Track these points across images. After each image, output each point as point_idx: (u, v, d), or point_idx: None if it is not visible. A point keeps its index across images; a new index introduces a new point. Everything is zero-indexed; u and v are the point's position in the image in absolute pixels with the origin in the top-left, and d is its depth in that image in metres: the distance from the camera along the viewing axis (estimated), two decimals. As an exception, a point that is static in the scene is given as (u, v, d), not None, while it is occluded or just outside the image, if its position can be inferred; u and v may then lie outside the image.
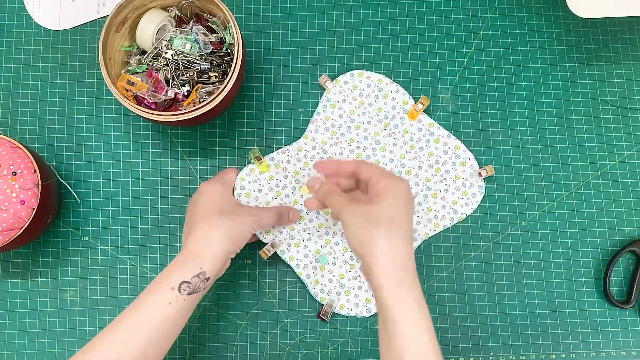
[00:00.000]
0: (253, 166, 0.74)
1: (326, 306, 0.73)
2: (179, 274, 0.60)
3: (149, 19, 0.71)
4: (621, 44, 0.80)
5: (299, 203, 0.74)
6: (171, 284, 0.60)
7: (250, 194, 0.74)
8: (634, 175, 0.77)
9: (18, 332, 0.73)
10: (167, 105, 0.73)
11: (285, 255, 0.73)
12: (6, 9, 0.80)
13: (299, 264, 0.73)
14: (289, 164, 0.75)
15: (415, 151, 0.75)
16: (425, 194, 0.75)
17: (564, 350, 0.73)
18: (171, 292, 0.60)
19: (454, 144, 0.75)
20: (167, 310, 0.59)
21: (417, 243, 0.74)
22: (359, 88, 0.76)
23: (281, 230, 0.73)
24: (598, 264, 0.75)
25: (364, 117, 0.76)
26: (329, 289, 0.73)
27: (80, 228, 0.76)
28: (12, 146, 0.69)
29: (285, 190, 0.74)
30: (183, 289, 0.60)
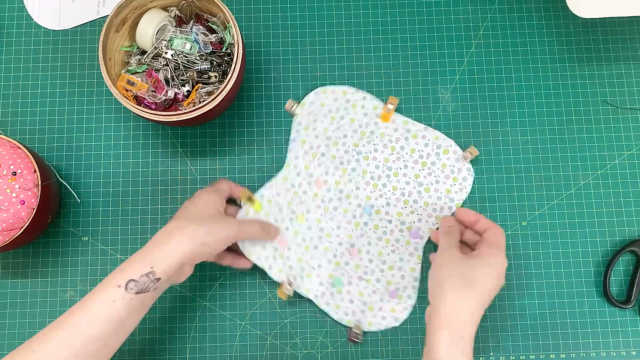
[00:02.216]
0: (247, 208, 0.73)
1: (355, 328, 0.72)
2: (129, 271, 0.59)
3: (149, 19, 0.71)
4: (621, 44, 0.80)
5: (299, 233, 0.73)
6: (118, 282, 0.58)
7: None
8: (634, 175, 0.77)
9: (18, 332, 0.73)
10: (167, 105, 0.73)
11: (301, 290, 0.72)
12: (6, 9, 0.80)
13: (317, 294, 0.72)
14: (279, 197, 0.74)
15: (397, 151, 0.75)
16: (418, 191, 0.74)
17: (564, 350, 0.73)
18: (117, 290, 0.58)
19: (433, 134, 0.75)
20: (112, 308, 0.58)
21: (423, 241, 0.74)
22: (327, 104, 0.75)
23: (292, 265, 0.72)
24: (598, 264, 0.75)
25: (339, 132, 0.74)
26: (352, 309, 0.73)
27: (80, 228, 0.76)
28: (12, 146, 0.69)
29: (284, 223, 0.73)
30: (130, 287, 0.58)
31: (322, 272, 0.73)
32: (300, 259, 0.73)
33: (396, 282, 0.73)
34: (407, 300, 0.73)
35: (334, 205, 0.74)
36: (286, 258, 0.73)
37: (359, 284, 0.73)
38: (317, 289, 0.73)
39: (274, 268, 0.72)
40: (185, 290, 0.74)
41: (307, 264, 0.73)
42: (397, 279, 0.73)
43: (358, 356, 0.73)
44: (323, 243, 0.74)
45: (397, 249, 0.74)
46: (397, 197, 0.74)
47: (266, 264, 0.72)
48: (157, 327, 0.74)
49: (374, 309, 0.73)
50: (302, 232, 0.74)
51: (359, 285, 0.73)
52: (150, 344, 0.73)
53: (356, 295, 0.73)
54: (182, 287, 0.74)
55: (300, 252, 0.73)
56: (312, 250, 0.73)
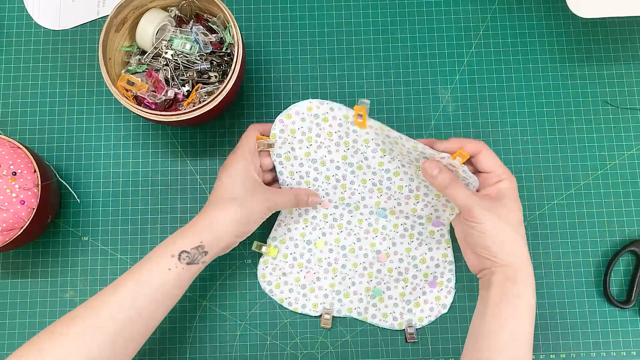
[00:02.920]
0: (264, 257, 0.74)
1: (408, 329, 0.72)
2: (180, 243, 0.62)
3: (149, 19, 0.71)
4: (621, 44, 0.80)
5: (322, 259, 0.73)
6: (172, 252, 0.62)
7: (280, 285, 0.74)
8: (634, 175, 0.77)
9: (18, 332, 0.73)
10: (167, 105, 0.73)
11: (342, 313, 0.73)
12: (6, 9, 0.80)
13: (360, 311, 0.73)
14: (291, 232, 0.74)
15: (388, 153, 0.70)
16: (426, 185, 0.71)
17: (564, 350, 0.73)
18: (171, 259, 0.62)
19: (411, 144, 0.65)
20: (166, 275, 0.61)
21: (446, 227, 0.73)
22: (297, 128, 0.70)
23: (326, 294, 0.73)
24: (598, 264, 0.75)
25: (322, 150, 0.71)
26: (399, 312, 0.73)
27: (80, 228, 0.76)
28: (12, 146, 0.69)
29: (304, 257, 0.74)
30: (182, 258, 0.62)
31: (358, 288, 0.73)
32: (332, 284, 0.73)
33: (432, 272, 0.73)
34: (447, 284, 0.73)
35: (347, 220, 0.74)
36: (318, 289, 0.73)
37: (397, 285, 0.73)
38: (358, 306, 0.73)
39: (307, 306, 0.73)
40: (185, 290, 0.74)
41: (341, 286, 0.73)
42: (432, 269, 0.73)
43: (358, 356, 0.73)
44: (350, 260, 0.73)
45: (422, 240, 0.74)
46: (406, 194, 0.72)
47: (299, 305, 0.73)
48: (158, 327, 0.73)
49: (420, 304, 0.73)
50: (325, 257, 0.74)
51: (397, 287, 0.73)
52: (150, 344, 0.73)
53: (398, 297, 0.73)
54: (182, 287, 0.75)
55: (330, 278, 0.73)
56: (341, 270, 0.73)
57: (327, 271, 0.73)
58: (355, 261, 0.73)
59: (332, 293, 0.73)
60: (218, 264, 0.75)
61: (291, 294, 0.73)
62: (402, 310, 0.73)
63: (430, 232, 0.73)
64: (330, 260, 0.73)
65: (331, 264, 0.73)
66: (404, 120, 0.78)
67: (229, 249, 0.66)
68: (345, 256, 0.73)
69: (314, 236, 0.74)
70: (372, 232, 0.74)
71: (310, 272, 0.73)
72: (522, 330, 0.60)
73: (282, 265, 0.73)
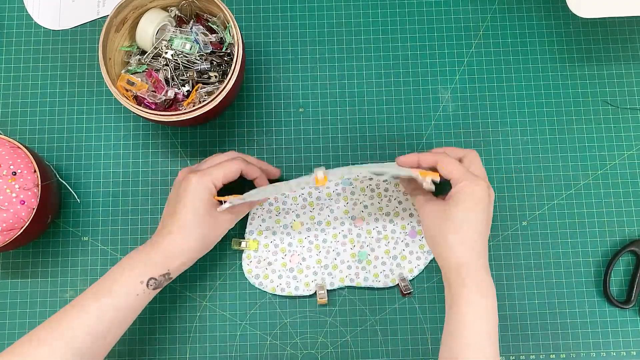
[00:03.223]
0: (246, 252, 0.74)
1: (401, 282, 0.73)
2: (150, 270, 0.63)
3: (149, 19, 0.71)
4: (621, 44, 0.80)
5: (303, 240, 0.74)
6: (141, 277, 0.63)
7: (268, 275, 0.74)
8: (634, 175, 0.77)
9: (18, 332, 0.73)
10: (167, 105, 0.73)
11: (335, 285, 0.74)
12: (6, 9, 0.80)
13: (352, 278, 0.73)
14: (265, 222, 0.75)
15: (349, 198, 0.75)
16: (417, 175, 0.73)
17: (564, 350, 0.73)
18: (140, 285, 0.63)
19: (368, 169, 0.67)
20: (133, 301, 0.62)
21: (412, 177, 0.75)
22: (264, 206, 0.74)
23: (315, 271, 0.73)
24: (598, 264, 0.75)
25: (290, 216, 0.75)
26: (389, 269, 0.74)
27: (80, 228, 0.76)
28: (12, 146, 0.69)
29: (284, 242, 0.74)
30: (150, 284, 0.63)
31: (344, 257, 0.74)
32: (318, 260, 0.74)
33: (408, 222, 0.75)
34: None
35: (316, 197, 0.75)
36: (306, 268, 0.74)
37: (380, 244, 0.74)
38: (349, 274, 0.74)
39: (300, 287, 0.73)
40: (185, 290, 0.74)
41: (327, 260, 0.74)
42: (407, 219, 0.75)
43: (358, 356, 0.73)
44: (328, 233, 0.74)
45: (391, 196, 0.75)
46: (374, 235, 0.75)
47: (291, 289, 0.73)
48: (157, 327, 0.74)
49: (406, 257, 0.74)
50: (304, 237, 0.74)
51: (380, 246, 0.74)
52: (151, 344, 0.73)
53: (384, 255, 0.74)
54: (182, 287, 0.74)
55: (315, 255, 0.74)
56: (323, 244, 0.74)
57: (310, 249, 0.74)
58: (334, 232, 0.74)
59: (320, 269, 0.74)
60: (218, 264, 0.75)
61: (281, 280, 0.74)
62: (391, 266, 0.74)
63: (396, 185, 0.75)
64: (311, 238, 0.74)
65: (312, 242, 0.74)
66: (404, 120, 0.78)
67: None
68: (323, 230, 0.74)
69: (289, 219, 0.75)
70: (342, 201, 0.75)
71: (294, 255, 0.74)
72: (479, 331, 0.60)
73: (266, 255, 0.74)
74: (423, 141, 0.77)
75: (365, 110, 0.78)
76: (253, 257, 0.74)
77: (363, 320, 0.74)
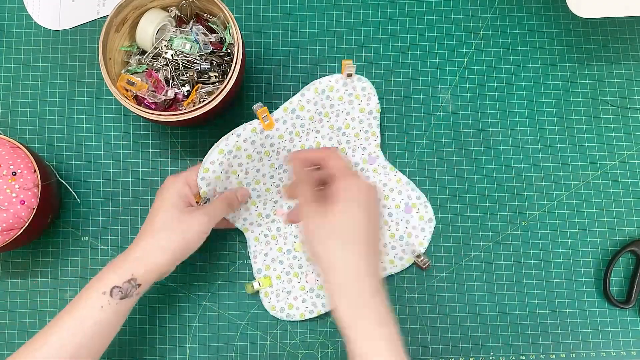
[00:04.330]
0: (262, 291, 0.73)
1: (417, 258, 0.73)
2: (111, 278, 0.61)
3: (149, 19, 0.71)
4: (621, 44, 0.80)
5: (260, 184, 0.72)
6: (103, 288, 0.60)
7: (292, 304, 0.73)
8: (634, 175, 0.77)
9: (18, 332, 0.73)
10: (167, 105, 0.73)
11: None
12: (6, 9, 0.80)
13: None
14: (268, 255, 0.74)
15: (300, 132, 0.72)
16: (343, 133, 0.73)
17: (564, 350, 0.73)
18: (103, 297, 0.60)
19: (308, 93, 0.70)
20: (99, 314, 0.60)
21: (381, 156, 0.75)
22: (220, 172, 0.68)
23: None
24: (598, 264, 0.75)
25: (251, 173, 0.71)
26: (402, 250, 0.73)
27: (80, 228, 0.76)
28: (12, 146, 0.69)
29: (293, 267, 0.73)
30: (115, 294, 0.60)
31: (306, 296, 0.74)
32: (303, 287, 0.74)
33: (400, 200, 0.75)
34: (419, 201, 0.75)
35: None
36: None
37: (384, 232, 0.74)
38: None
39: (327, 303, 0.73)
40: (185, 290, 0.74)
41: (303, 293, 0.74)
42: (398, 198, 0.75)
43: (358, 356, 0.73)
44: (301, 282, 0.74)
45: (374, 181, 0.75)
46: None
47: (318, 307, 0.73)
48: (157, 327, 0.74)
49: (411, 234, 0.74)
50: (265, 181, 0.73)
51: (384, 233, 0.74)
52: (151, 344, 0.73)
53: (391, 240, 0.74)
54: (182, 287, 0.74)
55: None
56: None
57: None
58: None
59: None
60: (218, 264, 0.75)
61: (306, 303, 0.73)
62: (401, 247, 0.74)
63: (374, 170, 0.75)
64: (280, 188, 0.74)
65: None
66: (404, 120, 0.78)
67: (166, 275, 0.65)
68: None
69: (289, 244, 0.74)
70: None
71: (309, 274, 0.73)
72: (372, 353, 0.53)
73: (282, 287, 0.73)
74: (423, 141, 0.77)
75: (365, 110, 0.78)
76: (271, 293, 0.73)
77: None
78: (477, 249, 0.75)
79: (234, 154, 0.68)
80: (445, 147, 0.77)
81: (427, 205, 0.75)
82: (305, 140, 0.73)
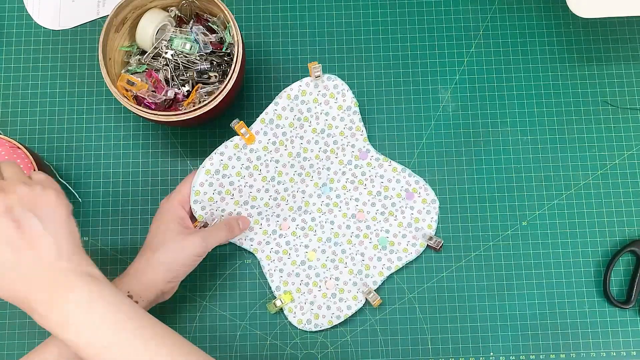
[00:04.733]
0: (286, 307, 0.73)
1: (429, 240, 0.73)
2: None
3: (149, 19, 0.71)
4: (621, 44, 0.80)
5: (326, 263, 0.74)
6: None
7: (317, 314, 0.73)
8: (634, 175, 0.77)
9: (18, 332, 0.73)
10: (167, 105, 0.73)
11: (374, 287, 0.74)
12: (6, 9, 0.80)
13: (390, 266, 0.74)
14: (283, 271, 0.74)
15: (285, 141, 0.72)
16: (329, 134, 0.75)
17: (564, 350, 0.73)
18: None
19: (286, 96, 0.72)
20: None
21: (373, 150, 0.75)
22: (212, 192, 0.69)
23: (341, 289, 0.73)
24: (598, 264, 0.75)
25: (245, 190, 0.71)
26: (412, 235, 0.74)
27: (80, 228, 0.76)
28: (12, 146, 0.69)
29: (311, 277, 0.74)
30: None
31: (367, 253, 0.74)
32: (350, 270, 0.74)
33: (399, 188, 0.75)
34: (418, 184, 0.75)
35: (311, 218, 0.75)
36: (344, 285, 0.73)
37: (390, 222, 0.75)
38: (382, 265, 0.74)
39: (351, 305, 0.73)
40: (185, 290, 0.74)
41: (355, 267, 0.74)
42: (397, 187, 0.75)
43: (358, 356, 0.73)
44: (342, 243, 0.74)
45: (370, 175, 0.75)
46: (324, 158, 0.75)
47: (345, 310, 0.73)
48: (157, 327, 0.74)
49: (418, 219, 0.74)
50: (324, 259, 0.74)
51: (391, 224, 0.75)
52: (150, 344, 0.73)
53: (400, 229, 0.74)
54: (182, 287, 0.74)
55: (344, 268, 0.74)
56: (342, 256, 0.74)
57: (337, 267, 0.74)
58: (346, 239, 0.74)
59: (356, 277, 0.73)
60: (218, 264, 0.75)
61: (330, 310, 0.73)
62: (412, 233, 0.74)
63: (368, 164, 0.75)
64: (332, 257, 0.74)
65: (334, 259, 0.74)
66: (404, 120, 0.78)
67: (168, 296, 0.66)
68: (336, 243, 0.74)
69: (302, 255, 0.74)
70: (335, 208, 0.75)
71: (327, 280, 0.73)
72: None
73: (304, 298, 0.73)
74: (423, 141, 0.77)
75: (365, 110, 0.78)
76: (294, 307, 0.73)
77: (363, 320, 0.74)
78: (477, 249, 0.75)
79: (222, 173, 0.68)
80: (445, 147, 0.77)
81: (427, 188, 0.75)
82: (292, 147, 0.72)
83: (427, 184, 0.75)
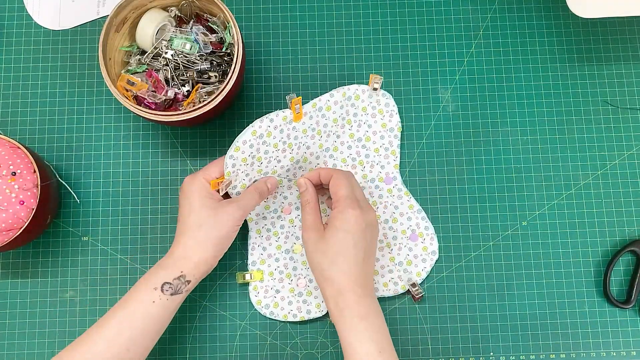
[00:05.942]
0: (252, 284, 0.73)
1: (411, 287, 0.73)
2: (162, 275, 0.64)
3: (149, 19, 0.71)
4: (621, 44, 0.80)
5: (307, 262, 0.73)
6: (154, 284, 0.63)
7: (278, 303, 0.73)
8: (634, 175, 0.77)
9: (18, 332, 0.73)
10: (167, 105, 0.73)
11: None
12: (6, 9, 0.80)
13: None
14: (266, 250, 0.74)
15: (323, 132, 0.73)
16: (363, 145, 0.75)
17: (564, 350, 0.73)
18: (154, 292, 0.63)
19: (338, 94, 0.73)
20: (150, 308, 0.63)
21: (398, 179, 0.75)
22: (248, 155, 0.68)
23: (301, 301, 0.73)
24: (598, 264, 0.75)
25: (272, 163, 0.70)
26: (398, 276, 0.73)
27: (80, 228, 0.76)
28: (12, 146, 0.69)
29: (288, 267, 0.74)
30: (165, 290, 0.63)
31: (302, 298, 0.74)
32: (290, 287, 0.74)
33: (407, 226, 0.74)
34: (427, 232, 0.74)
35: None
36: (314, 289, 0.73)
37: (384, 253, 0.74)
38: None
39: (312, 310, 0.73)
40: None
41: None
42: (406, 224, 0.74)
43: (358, 356, 0.73)
44: None
45: (385, 202, 0.75)
46: (351, 165, 0.75)
47: (304, 313, 0.73)
48: (157, 327, 0.74)
49: (411, 262, 0.74)
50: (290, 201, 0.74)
51: (384, 255, 0.74)
52: (150, 344, 0.73)
53: (390, 263, 0.74)
54: (182, 287, 0.75)
55: None
56: None
57: None
58: None
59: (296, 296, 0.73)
60: (218, 264, 0.75)
61: (292, 306, 0.73)
62: (398, 273, 0.73)
63: (389, 191, 0.75)
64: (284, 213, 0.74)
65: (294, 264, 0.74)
66: (404, 120, 0.78)
67: (211, 270, 0.67)
68: None
69: (289, 244, 0.74)
70: None
71: (301, 278, 0.73)
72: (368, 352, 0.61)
73: (272, 284, 0.73)
74: (423, 141, 0.78)
75: (365, 110, 0.78)
76: (260, 287, 0.73)
77: (363, 320, 0.74)
78: (477, 249, 0.75)
79: (264, 139, 0.68)
80: (445, 147, 0.77)
81: (434, 237, 0.74)
82: (325, 140, 0.73)
83: (436, 233, 0.75)
